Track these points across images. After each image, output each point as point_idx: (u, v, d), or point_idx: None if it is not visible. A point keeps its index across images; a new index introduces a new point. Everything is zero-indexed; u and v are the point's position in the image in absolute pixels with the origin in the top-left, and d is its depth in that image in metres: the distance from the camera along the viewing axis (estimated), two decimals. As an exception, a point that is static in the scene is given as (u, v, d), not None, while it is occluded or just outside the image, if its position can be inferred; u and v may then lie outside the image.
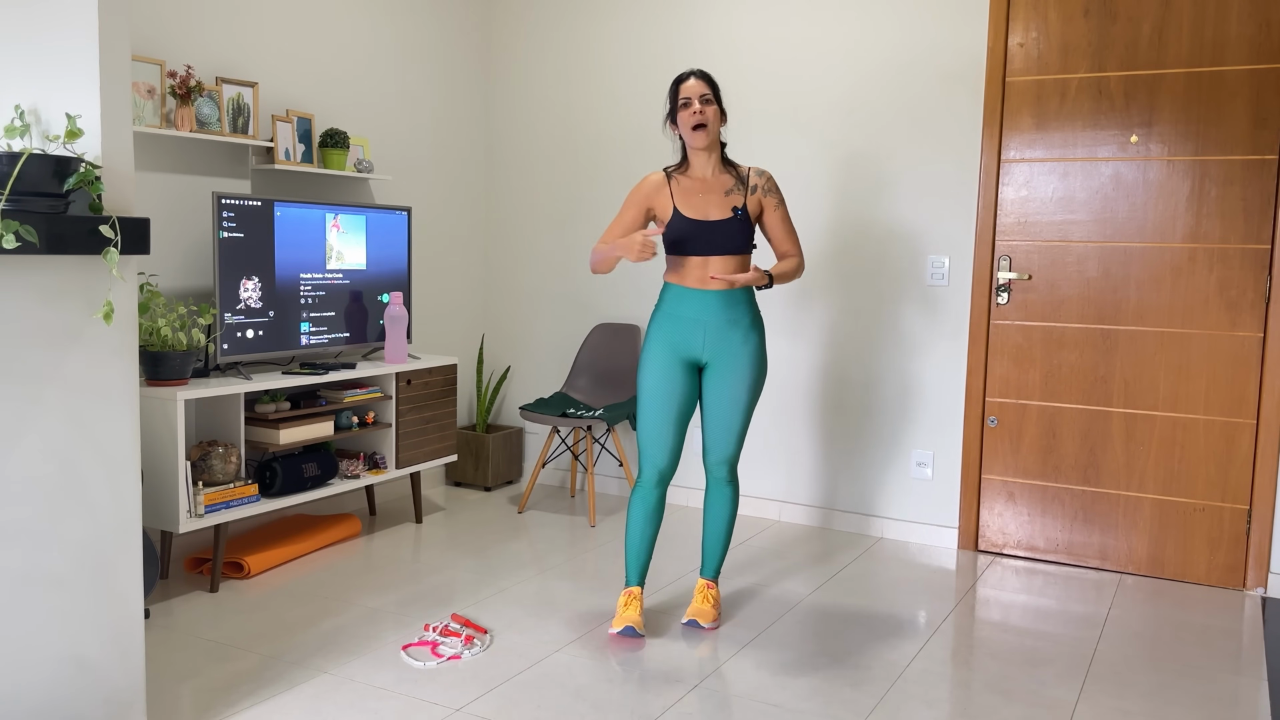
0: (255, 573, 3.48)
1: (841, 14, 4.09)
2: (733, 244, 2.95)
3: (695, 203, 2.97)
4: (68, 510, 2.12)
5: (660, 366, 2.99)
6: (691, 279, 2.98)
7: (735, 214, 2.95)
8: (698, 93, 2.92)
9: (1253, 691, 2.77)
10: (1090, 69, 3.68)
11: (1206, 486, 3.62)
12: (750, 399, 3.03)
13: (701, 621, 3.08)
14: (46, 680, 2.11)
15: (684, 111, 2.93)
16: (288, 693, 2.62)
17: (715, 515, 3.14)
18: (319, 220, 3.75)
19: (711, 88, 2.94)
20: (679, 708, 2.58)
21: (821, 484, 4.28)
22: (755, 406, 3.05)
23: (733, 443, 3.05)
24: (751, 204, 3.00)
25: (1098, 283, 3.73)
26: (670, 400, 2.99)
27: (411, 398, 4.01)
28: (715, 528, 3.15)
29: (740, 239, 2.96)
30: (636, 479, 3.08)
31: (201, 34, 3.57)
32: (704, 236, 2.94)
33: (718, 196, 2.98)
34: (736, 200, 2.97)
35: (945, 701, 2.66)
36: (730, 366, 2.99)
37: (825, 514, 4.27)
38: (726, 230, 2.94)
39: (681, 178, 3.01)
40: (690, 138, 2.94)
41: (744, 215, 2.96)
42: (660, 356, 3.00)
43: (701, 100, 2.91)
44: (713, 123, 2.93)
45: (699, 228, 2.94)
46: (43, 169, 1.95)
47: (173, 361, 3.17)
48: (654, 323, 3.04)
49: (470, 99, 4.83)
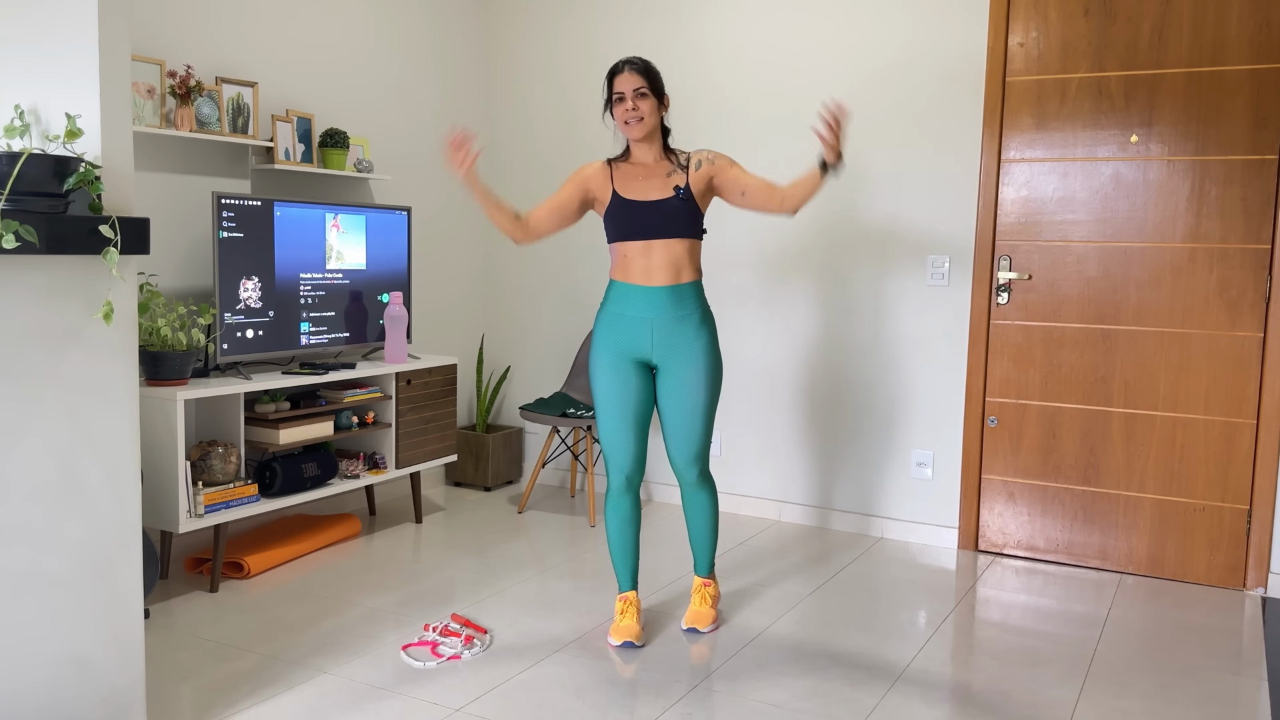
0: (255, 573, 3.48)
1: (842, 14, 4.08)
2: (676, 226, 2.85)
3: (636, 186, 2.90)
4: (68, 510, 2.12)
5: (610, 370, 2.92)
6: (636, 272, 2.89)
7: (677, 193, 2.86)
8: (631, 86, 2.83)
9: (1253, 691, 2.77)
10: (1090, 69, 3.68)
11: (1206, 486, 3.62)
12: (708, 398, 2.94)
13: (699, 626, 3.07)
14: (46, 680, 2.11)
15: (618, 106, 2.86)
16: (288, 693, 2.62)
17: (695, 517, 3.09)
18: (319, 220, 3.75)
19: (648, 78, 2.85)
20: (679, 708, 2.58)
21: (821, 484, 4.28)
22: (716, 404, 2.95)
23: (695, 443, 2.96)
24: (696, 180, 2.90)
25: (1098, 283, 3.73)
26: (625, 403, 2.92)
27: (411, 398, 4.01)
28: (699, 529, 3.10)
29: (684, 219, 2.86)
30: (608, 487, 3.02)
31: (201, 34, 3.57)
32: (644, 218, 2.86)
33: (659, 180, 2.90)
34: (679, 180, 2.89)
35: (945, 701, 2.66)
36: (683, 366, 2.91)
37: (825, 514, 4.27)
38: (668, 210, 2.85)
39: (622, 164, 2.96)
40: (625, 131, 2.88)
41: (687, 194, 2.87)
42: (608, 359, 2.93)
43: (635, 95, 2.84)
44: (648, 115, 2.86)
45: (638, 208, 2.86)
46: (43, 169, 1.95)
47: (172, 361, 3.17)
48: (599, 323, 2.96)
49: (470, 99, 4.83)
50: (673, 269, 2.89)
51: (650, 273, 2.88)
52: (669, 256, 2.88)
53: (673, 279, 2.89)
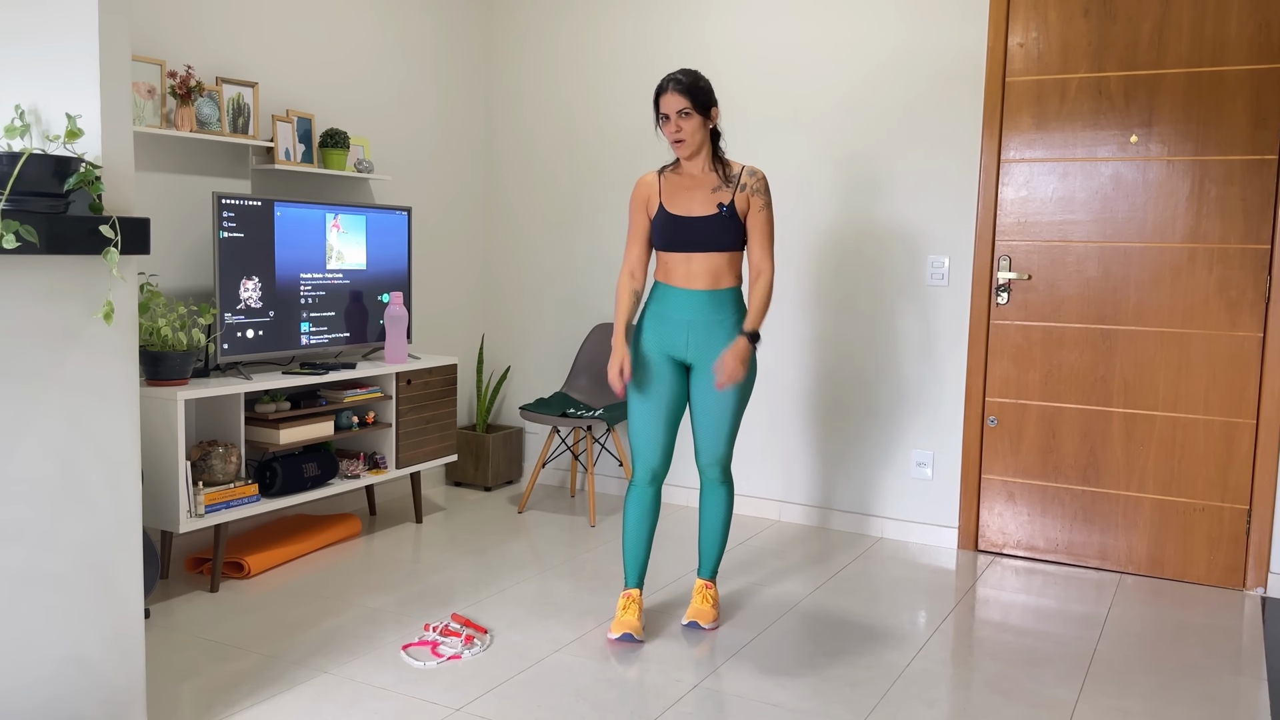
0: (255, 573, 3.48)
1: (842, 14, 4.09)
2: (718, 241, 2.93)
3: (681, 199, 2.97)
4: (68, 510, 2.12)
5: (648, 366, 3.01)
6: (677, 277, 2.98)
7: (720, 210, 2.93)
8: (675, 108, 2.88)
9: (1253, 691, 2.77)
10: (1090, 69, 3.68)
11: (1206, 486, 3.62)
12: (739, 400, 3.01)
13: (701, 622, 3.08)
14: (46, 680, 2.11)
15: (665, 126, 2.93)
16: (288, 693, 2.62)
17: (710, 516, 3.14)
18: (319, 220, 3.75)
19: (691, 96, 2.87)
20: (679, 708, 2.58)
21: (821, 484, 4.28)
22: (745, 407, 3.04)
23: (723, 444, 3.04)
24: (739, 200, 2.96)
25: (1097, 283, 3.73)
26: (659, 399, 3.00)
27: (411, 398, 4.01)
28: (711, 528, 3.15)
29: (727, 236, 2.94)
30: (631, 479, 3.09)
31: (201, 34, 3.57)
32: (686, 233, 2.93)
33: (704, 193, 2.96)
34: (723, 197, 2.95)
35: (945, 701, 2.66)
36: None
37: (825, 514, 4.27)
38: (711, 226, 2.93)
39: (673, 175, 3.02)
40: (673, 149, 2.96)
41: (730, 211, 2.93)
42: (647, 356, 3.01)
43: (679, 115, 2.88)
44: (691, 134, 2.90)
45: (681, 224, 2.94)
46: (43, 169, 1.95)
47: (173, 361, 3.17)
48: (642, 321, 3.06)
49: (470, 99, 4.83)
50: (712, 276, 2.97)
51: (690, 278, 2.98)
52: (708, 266, 2.96)
53: (711, 285, 2.98)
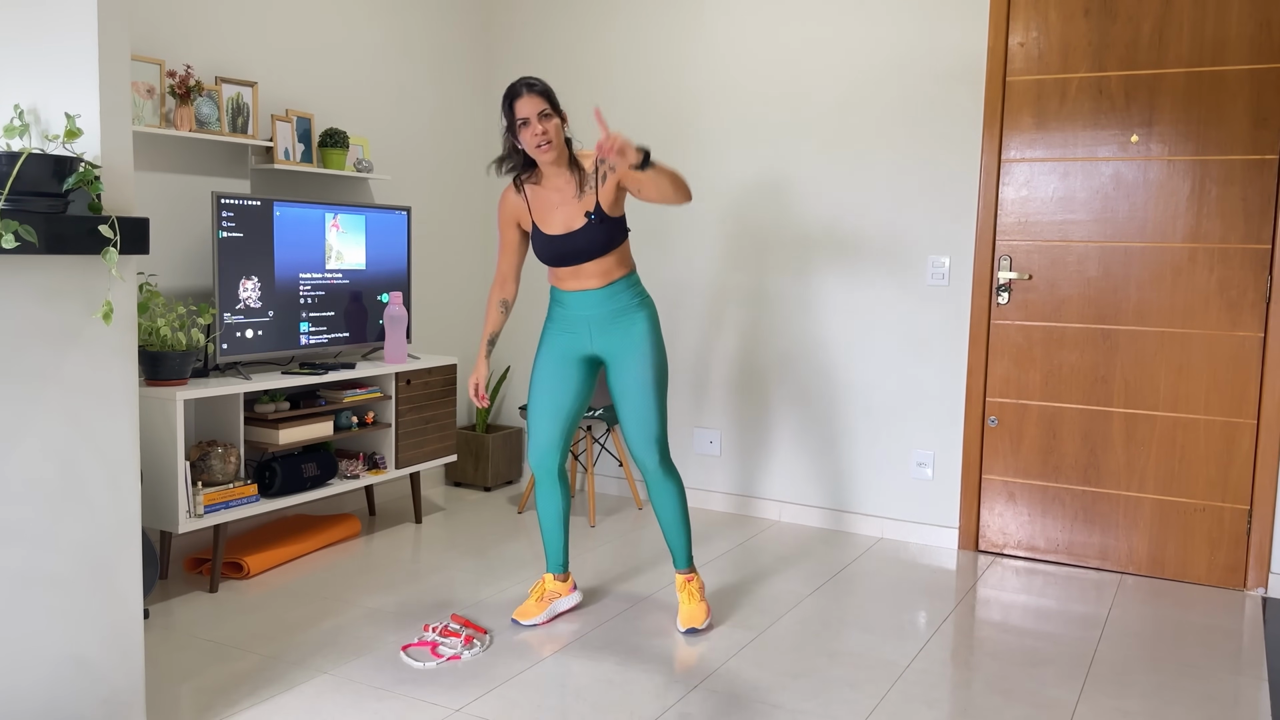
0: (255, 573, 3.48)
1: (842, 14, 4.08)
2: (599, 247, 2.91)
3: (553, 218, 2.94)
4: (68, 510, 2.12)
5: (547, 364, 3.05)
6: (569, 283, 2.99)
7: (589, 218, 2.89)
8: (536, 110, 2.79)
9: (1253, 691, 2.77)
10: (1090, 69, 3.67)
11: (1207, 486, 3.62)
12: (656, 378, 2.99)
13: (697, 625, 3.06)
14: (46, 680, 2.11)
15: (524, 131, 2.82)
16: (288, 693, 2.61)
17: (664, 510, 3.10)
18: (319, 220, 3.75)
19: (548, 98, 2.82)
20: (679, 708, 2.58)
21: (821, 484, 4.28)
22: (664, 386, 3.02)
23: (651, 426, 2.99)
24: (605, 193, 2.90)
25: (1098, 283, 3.73)
26: (555, 397, 3.03)
27: (411, 398, 4.01)
28: (669, 520, 3.11)
29: (605, 239, 2.90)
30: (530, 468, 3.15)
31: (201, 34, 3.57)
32: (565, 249, 2.92)
33: (571, 207, 2.92)
34: (588, 203, 2.90)
35: (945, 701, 2.66)
36: (626, 351, 2.98)
37: (825, 514, 4.27)
38: (586, 237, 2.89)
39: (535, 188, 2.97)
40: (536, 155, 2.86)
41: (600, 216, 2.89)
42: (548, 355, 3.05)
43: (540, 117, 2.80)
44: (556, 136, 2.85)
45: (558, 243, 2.92)
46: (42, 169, 1.95)
47: (172, 361, 3.17)
48: (546, 324, 3.09)
49: (470, 99, 4.83)
50: (602, 275, 2.97)
51: (582, 281, 2.98)
52: (598, 268, 2.97)
53: (604, 281, 2.98)
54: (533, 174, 2.98)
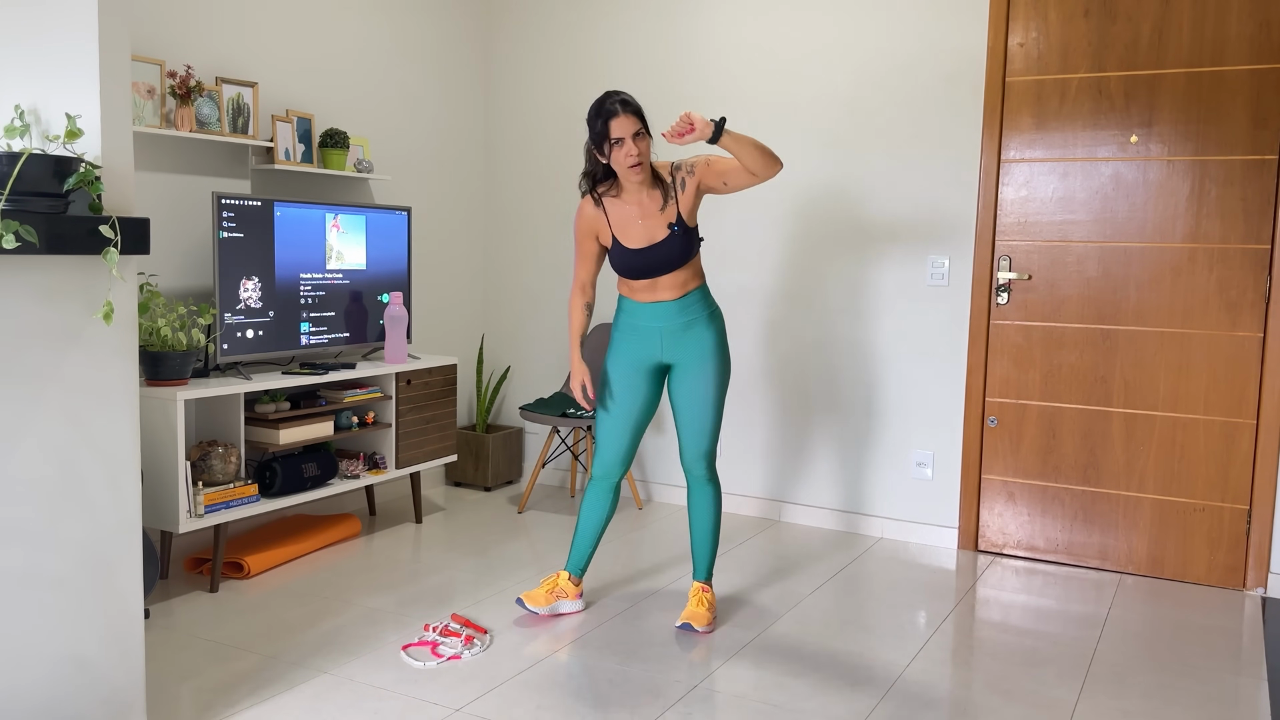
0: (255, 573, 3.48)
1: (842, 14, 4.08)
2: (679, 259, 2.95)
3: (633, 232, 2.96)
4: (68, 510, 2.12)
5: (620, 375, 3.06)
6: (644, 295, 3.01)
7: (672, 230, 2.93)
8: (630, 130, 2.80)
9: (1253, 691, 2.77)
10: (1090, 69, 3.68)
11: (1206, 486, 3.62)
12: (718, 392, 3.04)
13: (696, 625, 3.07)
14: (46, 680, 2.11)
15: (618, 151, 2.83)
16: (288, 693, 2.62)
17: (700, 516, 3.16)
18: (319, 220, 3.75)
19: (641, 117, 2.84)
20: (679, 708, 2.58)
21: (821, 484, 4.28)
22: (724, 398, 3.08)
23: (706, 437, 3.07)
24: (685, 201, 2.94)
25: (1098, 283, 3.73)
26: (627, 409, 3.06)
27: (411, 398, 4.01)
28: (701, 529, 3.17)
29: (681, 250, 2.94)
30: (590, 474, 3.15)
31: (201, 34, 3.57)
32: (646, 262, 2.95)
33: (653, 220, 2.95)
34: (670, 215, 2.94)
35: (945, 701, 2.66)
36: (693, 363, 3.02)
37: (825, 514, 4.27)
38: (667, 249, 2.93)
39: (615, 201, 2.98)
40: (627, 175, 2.87)
41: (681, 227, 2.94)
42: (621, 366, 3.06)
43: (635, 138, 2.82)
44: (647, 156, 2.87)
45: (640, 256, 2.95)
46: (43, 169, 1.95)
47: (172, 361, 3.17)
48: (615, 333, 3.10)
49: (470, 99, 4.83)
50: (678, 287, 3.01)
51: (657, 293, 3.01)
52: (674, 280, 3.00)
53: (679, 293, 3.01)
54: (610, 186, 2.98)
